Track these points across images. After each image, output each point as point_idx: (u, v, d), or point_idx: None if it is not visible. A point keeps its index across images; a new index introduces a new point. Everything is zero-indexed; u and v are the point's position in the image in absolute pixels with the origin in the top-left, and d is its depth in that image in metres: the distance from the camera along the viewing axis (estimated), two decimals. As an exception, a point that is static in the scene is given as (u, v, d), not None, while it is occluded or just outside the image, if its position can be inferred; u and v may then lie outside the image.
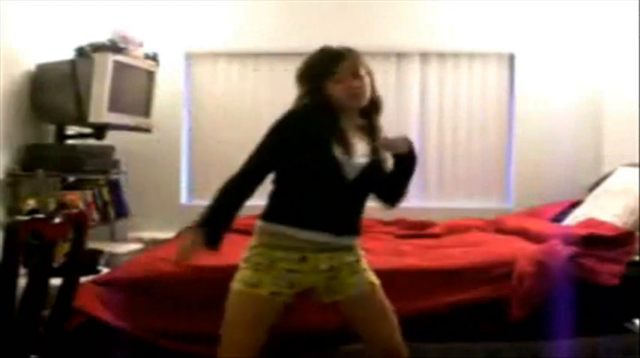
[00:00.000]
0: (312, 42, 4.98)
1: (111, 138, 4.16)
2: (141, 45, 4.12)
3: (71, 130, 4.09)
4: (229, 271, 2.93)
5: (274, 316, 2.09)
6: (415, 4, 4.70)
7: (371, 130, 2.19)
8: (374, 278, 2.21)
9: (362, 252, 2.25)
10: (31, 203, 3.44)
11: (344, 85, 2.10)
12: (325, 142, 2.04)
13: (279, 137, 2.10)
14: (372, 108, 2.20)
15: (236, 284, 2.11)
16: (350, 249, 2.17)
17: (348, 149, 2.05)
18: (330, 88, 2.10)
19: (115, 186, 4.28)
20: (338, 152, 2.05)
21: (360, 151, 2.12)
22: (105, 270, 3.42)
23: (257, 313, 2.08)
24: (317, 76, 2.13)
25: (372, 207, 2.28)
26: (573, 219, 3.80)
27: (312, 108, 2.10)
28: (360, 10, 4.64)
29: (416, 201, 4.47)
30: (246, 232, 4.02)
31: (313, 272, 2.10)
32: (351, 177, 2.08)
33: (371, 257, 3.14)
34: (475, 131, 4.79)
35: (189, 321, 2.83)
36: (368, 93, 2.14)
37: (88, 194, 3.95)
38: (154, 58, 4.23)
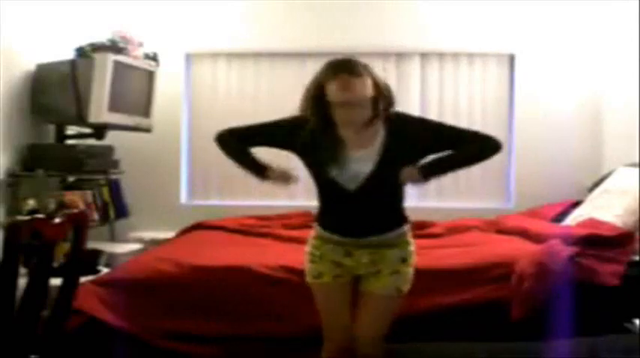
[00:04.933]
0: (312, 42, 5.01)
1: (111, 138, 4.16)
2: (141, 45, 4.12)
3: (71, 130, 4.10)
4: (228, 272, 2.95)
5: (346, 294, 2.27)
6: (415, 4, 4.70)
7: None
8: (406, 285, 2.24)
9: (411, 249, 2.26)
10: (31, 203, 3.44)
11: (337, 86, 2.09)
12: (320, 163, 2.18)
13: (285, 126, 2.27)
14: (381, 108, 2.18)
15: (307, 277, 2.31)
16: (393, 245, 2.22)
17: (342, 164, 2.15)
18: (329, 94, 2.11)
19: (115, 186, 4.28)
20: (333, 170, 2.15)
21: (370, 152, 2.15)
22: (105, 270, 3.42)
23: (331, 297, 2.28)
24: (318, 104, 2.15)
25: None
26: (573, 219, 3.79)
27: (314, 124, 2.18)
28: (360, 10, 4.64)
29: (416, 201, 4.50)
30: (246, 232, 4.06)
31: (357, 265, 2.22)
32: (353, 187, 2.15)
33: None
34: (475, 131, 4.79)
35: (189, 321, 2.83)
36: (365, 115, 2.11)
37: (88, 194, 3.95)
38: (154, 58, 4.23)
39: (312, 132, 2.17)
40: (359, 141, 2.16)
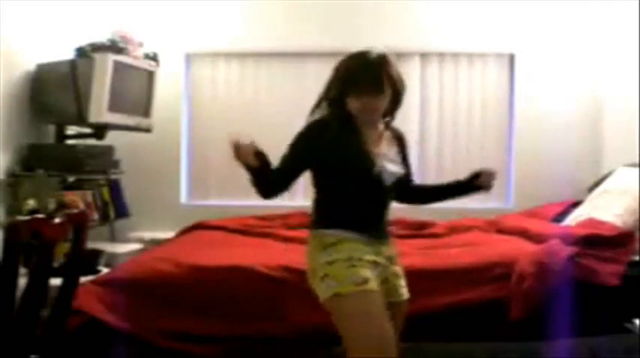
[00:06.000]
0: (312, 42, 5.02)
1: (111, 138, 4.16)
2: (141, 45, 4.12)
3: (71, 130, 4.10)
4: (228, 272, 2.95)
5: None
6: (415, 4, 4.70)
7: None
8: None
9: None
10: (31, 203, 3.44)
11: (359, 102, 2.10)
12: (359, 157, 2.09)
13: (307, 141, 2.12)
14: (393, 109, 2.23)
15: (344, 288, 1.98)
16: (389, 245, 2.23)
17: (379, 159, 2.12)
18: (349, 102, 2.11)
19: (115, 186, 4.28)
20: (376, 163, 2.10)
21: (394, 153, 2.22)
22: (105, 270, 3.43)
23: (380, 306, 2.01)
24: (338, 90, 2.13)
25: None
26: (573, 219, 3.79)
27: (336, 120, 2.12)
28: (360, 10, 4.64)
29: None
30: (246, 232, 4.06)
31: (386, 262, 2.14)
32: (389, 183, 2.14)
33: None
34: (475, 131, 4.80)
35: (189, 321, 2.83)
36: (383, 107, 2.15)
37: (88, 194, 3.95)
38: (154, 58, 4.24)
39: (339, 130, 2.09)
40: (376, 140, 2.18)
